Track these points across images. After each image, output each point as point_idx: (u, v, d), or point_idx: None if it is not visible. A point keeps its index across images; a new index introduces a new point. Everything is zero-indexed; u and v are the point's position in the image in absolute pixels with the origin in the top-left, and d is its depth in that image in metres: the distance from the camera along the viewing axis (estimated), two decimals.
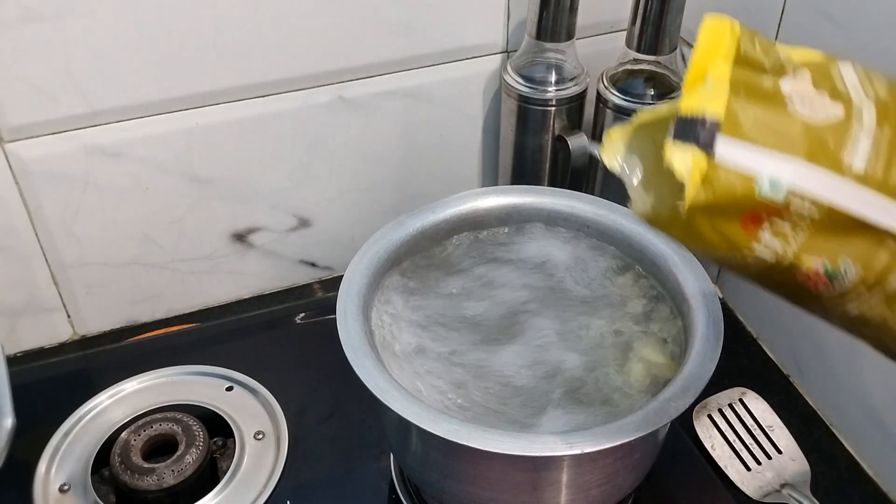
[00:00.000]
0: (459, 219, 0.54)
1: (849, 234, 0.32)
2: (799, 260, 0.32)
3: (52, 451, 0.56)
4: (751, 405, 0.61)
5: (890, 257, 0.32)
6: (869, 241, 0.32)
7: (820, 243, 0.32)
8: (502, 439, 0.40)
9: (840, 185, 0.31)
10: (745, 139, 0.31)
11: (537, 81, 0.63)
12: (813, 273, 0.33)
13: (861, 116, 0.32)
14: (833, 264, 0.32)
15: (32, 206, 0.61)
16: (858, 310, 0.34)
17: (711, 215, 0.32)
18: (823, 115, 0.32)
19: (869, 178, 0.31)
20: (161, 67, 0.58)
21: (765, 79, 0.33)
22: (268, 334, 0.69)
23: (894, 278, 0.32)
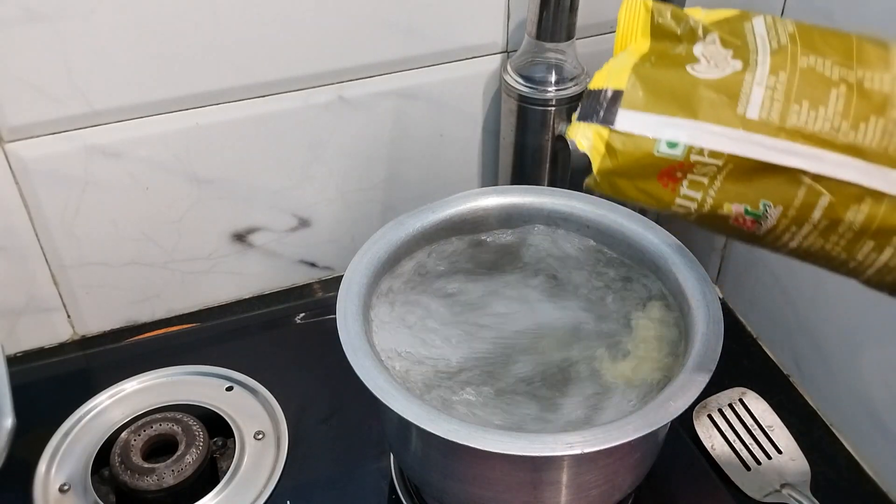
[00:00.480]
0: (459, 219, 0.54)
1: (762, 178, 0.35)
2: (720, 206, 0.36)
3: (52, 451, 0.56)
4: (751, 405, 0.61)
5: (807, 193, 0.34)
6: (783, 181, 0.34)
7: (737, 189, 0.35)
8: (502, 439, 0.40)
9: (736, 136, 0.34)
10: (644, 108, 0.35)
11: (537, 81, 0.63)
12: (737, 215, 0.36)
13: (755, 68, 0.34)
14: (754, 206, 0.35)
15: (32, 206, 0.61)
16: (797, 244, 0.36)
17: (628, 178, 0.36)
18: (722, 73, 0.34)
19: (764, 125, 0.34)
20: (161, 67, 0.58)
21: (678, 47, 0.36)
22: (268, 334, 0.69)
23: (818, 212, 0.34)
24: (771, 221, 0.35)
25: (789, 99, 0.34)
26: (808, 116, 0.33)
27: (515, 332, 0.50)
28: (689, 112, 0.35)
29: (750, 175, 0.35)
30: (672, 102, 0.35)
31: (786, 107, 0.34)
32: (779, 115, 0.34)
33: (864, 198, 0.33)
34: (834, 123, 0.33)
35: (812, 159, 0.34)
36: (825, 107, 0.33)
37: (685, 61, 0.35)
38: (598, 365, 0.48)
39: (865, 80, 0.33)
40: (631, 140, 0.35)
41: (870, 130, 0.33)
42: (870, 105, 0.33)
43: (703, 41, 0.36)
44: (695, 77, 0.35)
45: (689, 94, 0.35)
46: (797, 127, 0.34)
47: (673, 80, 0.35)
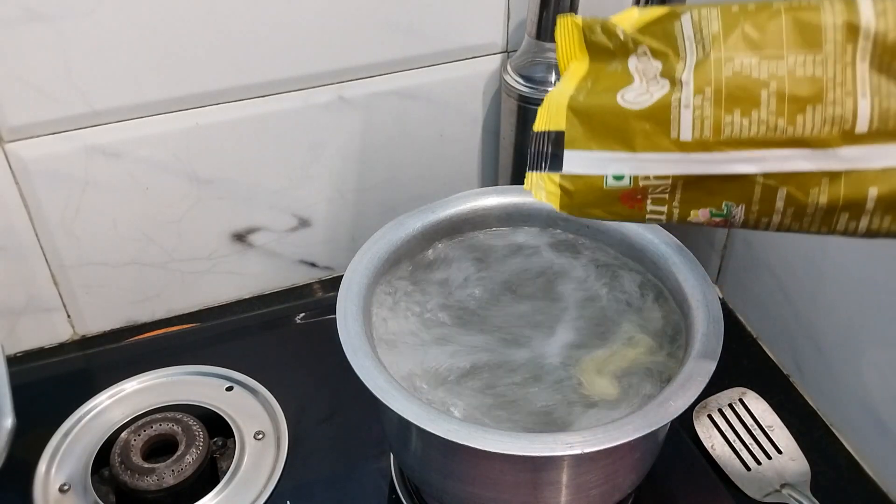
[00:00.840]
0: (459, 219, 0.54)
1: (716, 185, 0.36)
2: (687, 214, 0.37)
3: (52, 451, 0.56)
4: (751, 405, 0.61)
5: (763, 189, 0.35)
6: (737, 184, 0.35)
7: (696, 197, 0.36)
8: (502, 439, 0.40)
9: (675, 158, 0.35)
10: (585, 147, 0.37)
11: (537, 81, 0.63)
12: (706, 219, 0.37)
13: (681, 88, 0.35)
14: (717, 209, 0.36)
15: (32, 206, 0.61)
16: (776, 228, 0.37)
17: (593, 207, 0.38)
18: (651, 98, 0.35)
19: (700, 144, 0.35)
20: (161, 67, 0.58)
21: (614, 63, 0.37)
22: (268, 334, 0.69)
23: (780, 202, 0.35)
24: (739, 218, 0.36)
25: (719, 113, 0.34)
26: (742, 124, 0.34)
27: (514, 333, 0.50)
28: (627, 145, 0.36)
29: (704, 185, 0.36)
30: (609, 137, 0.36)
31: (717, 121, 0.34)
32: (711, 132, 0.34)
33: (820, 180, 0.34)
34: (770, 123, 0.33)
35: (756, 162, 0.34)
36: (757, 110, 0.33)
37: (619, 84, 0.36)
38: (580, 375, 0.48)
39: (797, 68, 0.33)
40: (580, 179, 0.37)
41: (808, 120, 0.33)
42: (805, 94, 0.33)
43: (635, 53, 0.36)
44: (626, 109, 0.36)
45: (624, 127, 0.36)
46: (733, 137, 0.34)
47: (607, 114, 0.36)
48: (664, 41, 0.36)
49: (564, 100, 0.37)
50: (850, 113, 0.32)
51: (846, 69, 0.32)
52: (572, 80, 0.38)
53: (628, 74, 0.36)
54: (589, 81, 0.37)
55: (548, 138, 0.38)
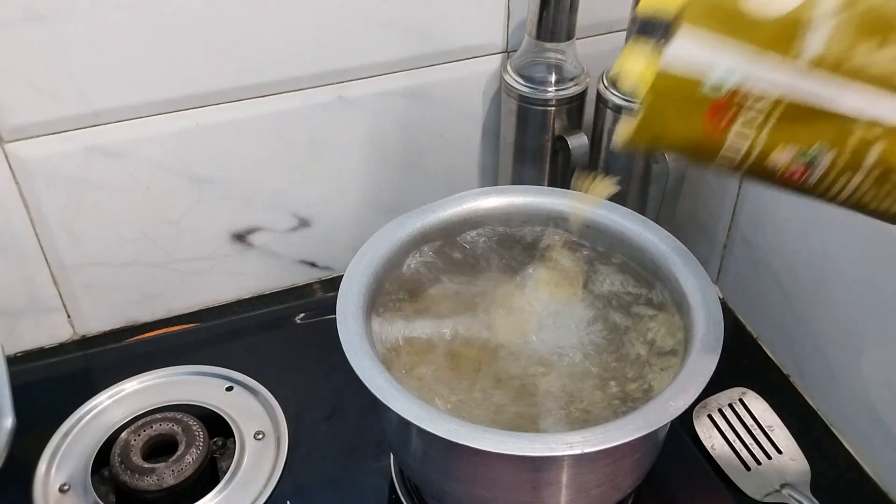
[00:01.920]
0: (459, 219, 0.54)
1: (817, 119, 0.33)
2: (772, 148, 0.34)
3: (52, 451, 0.56)
4: (751, 405, 0.61)
5: (861, 136, 0.33)
6: (838, 123, 0.33)
7: (790, 130, 0.34)
8: (502, 439, 0.40)
9: (790, 72, 0.33)
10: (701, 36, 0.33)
11: (537, 81, 0.63)
12: (786, 163, 0.34)
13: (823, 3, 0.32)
14: (807, 148, 0.34)
15: (32, 206, 0.61)
16: (849, 195, 0.35)
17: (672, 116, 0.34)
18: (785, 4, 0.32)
19: (824, 63, 0.32)
20: (161, 67, 0.58)
21: None
22: (268, 334, 0.69)
23: (871, 158, 0.33)
24: (822, 168, 0.34)
25: (856, 37, 0.32)
26: (873, 56, 0.32)
27: (513, 334, 0.50)
28: (750, 40, 0.33)
29: (805, 115, 0.33)
30: (733, 27, 0.33)
31: (850, 45, 0.32)
32: (841, 54, 0.32)
33: None
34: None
35: (869, 102, 0.32)
36: (890, 47, 0.32)
37: None
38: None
39: None
40: (676, 79, 0.34)
41: None
42: None
43: None
44: (757, 5, 0.32)
45: (752, 22, 0.33)
46: (859, 67, 0.32)
47: (733, 5, 0.33)
48: None
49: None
50: None
51: None
52: None
53: None
54: None
55: (663, 11, 0.34)
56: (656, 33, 0.34)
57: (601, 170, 0.66)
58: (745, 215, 0.67)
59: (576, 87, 0.63)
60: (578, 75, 0.63)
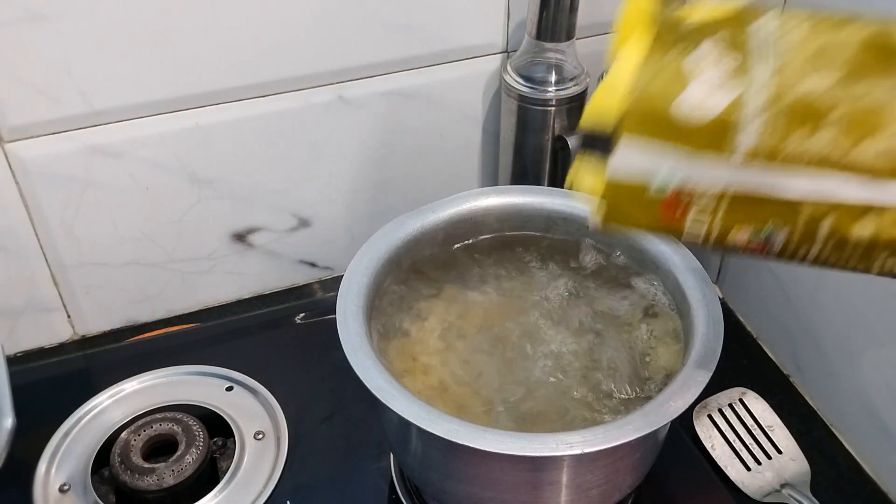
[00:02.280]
0: (459, 219, 0.55)
1: (764, 204, 0.34)
2: (728, 231, 0.36)
3: (52, 451, 0.56)
4: (751, 405, 0.61)
5: (811, 214, 0.34)
6: (784, 206, 0.34)
7: (741, 215, 0.35)
8: (502, 439, 0.40)
9: (729, 168, 0.34)
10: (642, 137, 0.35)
11: (537, 81, 0.63)
12: (744, 241, 0.36)
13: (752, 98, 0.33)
14: (760, 228, 0.35)
15: (32, 206, 0.61)
16: (814, 259, 0.36)
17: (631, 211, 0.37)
18: (719, 102, 0.34)
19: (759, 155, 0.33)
20: (161, 67, 0.58)
21: (677, 54, 0.35)
22: (268, 334, 0.69)
23: (824, 230, 0.34)
24: (779, 243, 0.35)
25: (786, 129, 0.33)
26: (805, 143, 0.33)
27: (511, 333, 0.50)
28: (686, 143, 0.34)
29: (751, 202, 0.35)
30: (668, 133, 0.35)
31: (782, 137, 0.33)
32: (774, 147, 0.33)
33: (866, 213, 0.33)
34: (829, 147, 0.33)
35: (808, 185, 0.33)
36: (823, 131, 0.33)
37: (684, 77, 0.34)
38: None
39: (866, 95, 0.32)
40: (625, 186, 0.36)
41: (868, 149, 0.32)
42: (869, 123, 0.32)
43: (708, 41, 0.34)
44: (691, 108, 0.34)
45: (685, 126, 0.34)
46: (794, 154, 0.33)
47: (668, 109, 0.34)
48: (738, 39, 0.34)
49: (621, 91, 0.35)
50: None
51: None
52: (632, 63, 0.35)
53: (691, 70, 0.34)
54: (652, 66, 0.35)
55: (598, 132, 0.36)
56: (600, 145, 0.36)
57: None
58: None
59: (576, 87, 0.63)
60: (578, 75, 0.63)
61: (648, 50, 0.35)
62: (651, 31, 0.36)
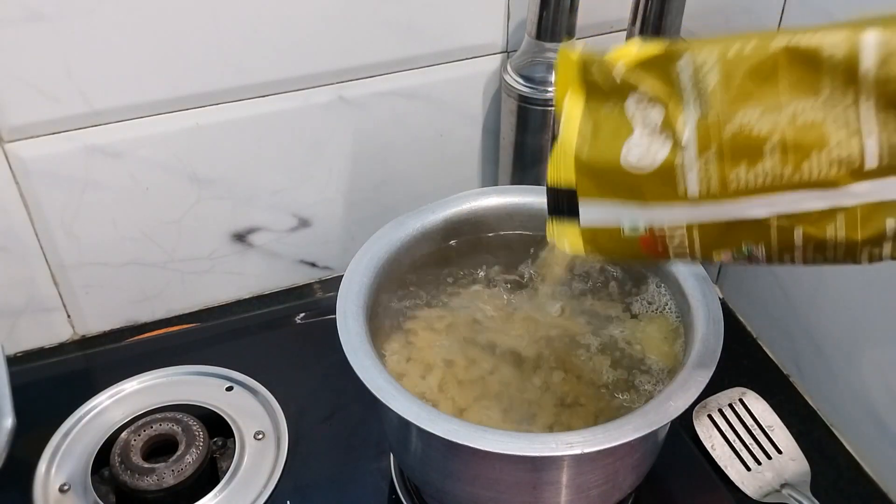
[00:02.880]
0: (459, 219, 0.54)
1: (732, 229, 0.35)
2: (709, 256, 0.37)
3: (52, 451, 0.56)
4: (751, 405, 0.61)
5: (779, 229, 0.35)
6: (752, 226, 0.35)
7: (715, 242, 0.36)
8: (502, 439, 0.40)
9: (686, 210, 0.36)
10: (598, 200, 0.38)
11: (537, 81, 0.63)
12: (729, 260, 0.37)
13: (684, 149, 0.35)
14: (738, 250, 0.36)
15: (32, 206, 0.61)
16: (801, 262, 0.36)
17: (616, 253, 0.39)
18: (655, 159, 0.35)
19: (708, 196, 0.35)
20: (161, 67, 0.58)
21: (610, 105, 0.37)
22: (268, 334, 0.69)
23: (799, 240, 0.35)
24: (763, 255, 0.36)
25: (724, 169, 0.34)
26: (748, 177, 0.34)
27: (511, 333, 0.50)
28: (637, 198, 0.36)
29: (719, 230, 0.36)
30: (619, 191, 0.37)
31: (723, 177, 0.34)
32: (718, 187, 0.34)
33: (835, 216, 0.34)
34: (776, 173, 0.33)
35: (767, 206, 0.34)
36: (762, 162, 0.33)
37: (619, 134, 0.36)
38: None
39: (798, 116, 0.33)
40: (599, 229, 0.38)
41: (814, 165, 0.33)
42: (809, 141, 0.32)
43: (633, 96, 0.36)
44: (632, 167, 0.36)
45: (632, 184, 0.36)
46: (740, 188, 0.34)
47: (613, 171, 0.36)
48: (662, 84, 0.35)
49: (571, 152, 0.37)
50: (858, 153, 0.32)
51: (848, 110, 0.32)
52: (573, 125, 0.38)
53: (627, 121, 0.36)
54: (589, 127, 0.37)
55: (561, 192, 0.38)
56: (566, 201, 0.38)
57: None
58: None
59: None
60: None
61: (584, 106, 0.37)
62: (584, 86, 0.37)
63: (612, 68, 0.36)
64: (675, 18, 0.59)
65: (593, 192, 0.38)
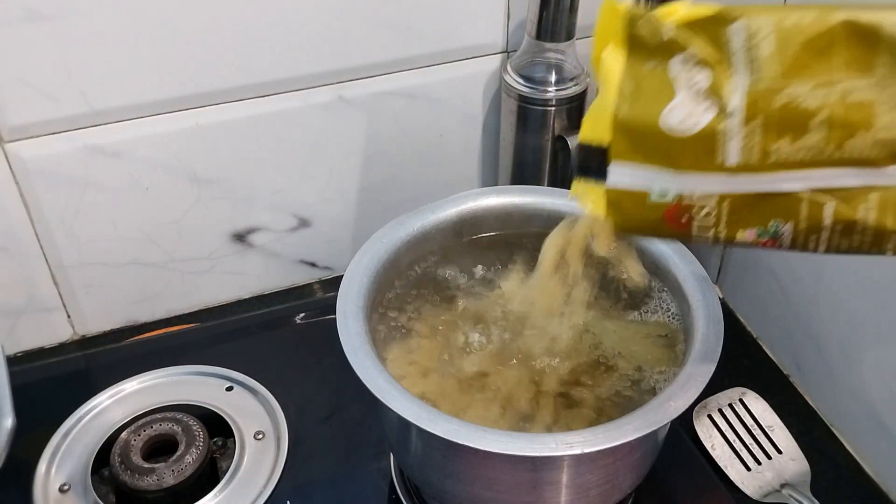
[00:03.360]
0: (459, 219, 0.55)
1: (763, 203, 0.35)
2: (734, 234, 0.36)
3: (52, 451, 0.56)
4: (751, 405, 0.61)
5: (810, 205, 0.34)
6: (784, 201, 0.34)
7: (743, 217, 0.35)
8: (502, 439, 0.40)
9: (721, 180, 0.34)
10: (631, 162, 0.36)
11: (537, 81, 0.63)
12: (753, 239, 0.36)
13: (730, 116, 0.33)
14: (764, 227, 0.35)
15: (32, 206, 0.61)
16: (825, 249, 0.36)
17: (637, 222, 0.37)
18: (697, 123, 0.34)
19: (746, 167, 0.34)
20: (161, 67, 0.58)
21: (653, 63, 0.35)
22: (268, 334, 0.69)
23: (828, 219, 0.34)
24: (788, 236, 0.35)
25: (768, 141, 0.33)
26: (790, 150, 0.33)
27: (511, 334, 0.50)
28: (672, 164, 0.35)
29: (750, 204, 0.35)
30: (654, 155, 0.35)
31: (765, 149, 0.33)
32: (759, 157, 0.34)
33: (867, 196, 0.33)
34: (818, 148, 0.33)
35: (803, 180, 0.34)
36: (807, 136, 0.33)
37: (662, 96, 0.35)
38: None
39: (848, 95, 0.32)
40: (626, 194, 0.37)
41: (858, 144, 0.32)
42: (856, 120, 0.32)
43: (679, 56, 0.34)
44: (671, 131, 0.35)
45: (668, 148, 0.35)
46: (780, 161, 0.33)
47: (651, 133, 0.35)
48: (712, 48, 0.34)
49: (609, 110, 0.36)
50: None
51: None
52: (613, 81, 0.36)
53: (669, 83, 0.34)
54: (630, 85, 0.35)
55: (593, 150, 0.37)
56: (597, 160, 0.37)
57: None
58: None
59: (576, 87, 0.63)
60: (578, 75, 0.63)
61: (627, 63, 0.36)
62: (628, 40, 0.36)
63: (660, 25, 0.35)
64: None
65: (627, 153, 0.36)
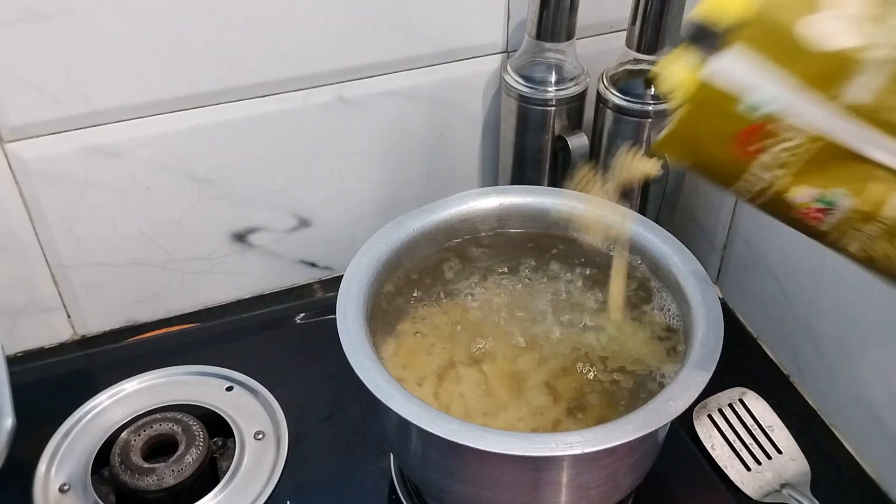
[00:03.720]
0: (459, 219, 0.55)
1: (840, 164, 0.32)
2: (787, 189, 0.33)
3: (52, 451, 0.56)
4: (751, 405, 0.61)
5: (884, 189, 0.32)
6: (860, 172, 0.32)
7: (819, 169, 0.33)
8: (502, 439, 0.40)
9: (827, 113, 0.32)
10: (751, 49, 0.32)
11: (537, 81, 0.63)
12: (804, 201, 0.33)
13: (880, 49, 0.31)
14: (823, 195, 0.33)
15: (32, 206, 0.61)
16: (860, 246, 0.34)
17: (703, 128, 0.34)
18: (835, 40, 0.31)
19: (866, 112, 0.31)
20: (161, 67, 0.58)
21: None
22: (268, 334, 0.69)
23: (889, 210, 0.32)
24: (840, 213, 0.33)
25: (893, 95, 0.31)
26: None
27: (511, 334, 0.50)
28: (793, 72, 0.32)
29: (834, 158, 0.32)
30: (780, 54, 0.32)
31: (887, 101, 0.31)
32: (882, 106, 0.31)
33: None
34: None
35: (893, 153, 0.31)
36: None
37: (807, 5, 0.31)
38: None
39: None
40: (716, 94, 0.33)
41: None
42: None
43: None
44: (812, 35, 0.31)
45: (799, 54, 0.31)
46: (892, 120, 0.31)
47: (789, 31, 0.31)
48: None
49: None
50: None
51: None
52: None
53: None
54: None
55: (717, 21, 0.32)
56: (707, 40, 0.33)
57: (600, 169, 0.66)
58: (745, 216, 0.67)
59: (576, 87, 0.63)
60: (578, 75, 0.63)
61: None
62: None
63: None
64: (675, 18, 0.59)
65: (752, 45, 0.32)
